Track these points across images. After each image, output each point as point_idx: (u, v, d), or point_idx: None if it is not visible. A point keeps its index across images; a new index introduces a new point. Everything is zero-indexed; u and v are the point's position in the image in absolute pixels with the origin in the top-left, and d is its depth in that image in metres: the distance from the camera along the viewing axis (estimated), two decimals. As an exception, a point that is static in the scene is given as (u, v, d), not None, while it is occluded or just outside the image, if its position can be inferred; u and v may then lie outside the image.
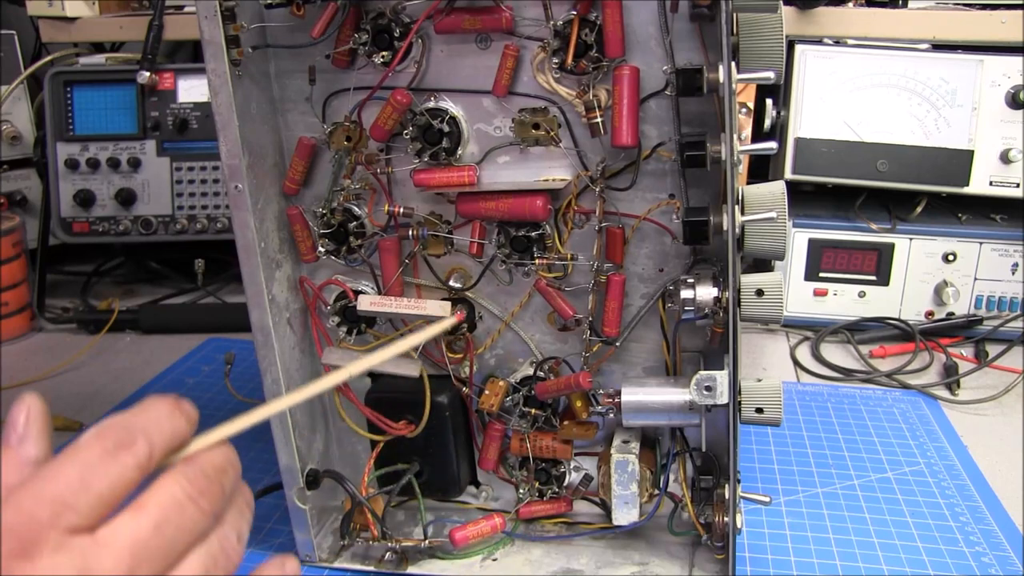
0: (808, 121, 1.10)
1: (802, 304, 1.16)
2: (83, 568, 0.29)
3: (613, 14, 0.58)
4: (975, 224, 1.13)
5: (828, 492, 0.80)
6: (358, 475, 0.71)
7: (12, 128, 1.30)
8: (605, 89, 0.60)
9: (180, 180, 1.23)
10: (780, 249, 0.58)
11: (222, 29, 0.57)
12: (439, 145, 0.62)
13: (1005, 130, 1.08)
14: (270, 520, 0.76)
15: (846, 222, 1.14)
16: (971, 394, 0.99)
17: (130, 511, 0.32)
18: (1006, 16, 1.09)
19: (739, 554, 0.66)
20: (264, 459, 0.84)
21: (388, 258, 0.68)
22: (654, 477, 0.69)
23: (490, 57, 0.61)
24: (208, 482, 0.34)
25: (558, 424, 0.69)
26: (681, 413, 0.63)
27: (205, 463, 0.34)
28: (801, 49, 1.09)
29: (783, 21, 0.55)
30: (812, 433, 0.91)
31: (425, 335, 0.57)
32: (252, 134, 0.62)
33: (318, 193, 0.68)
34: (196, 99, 1.22)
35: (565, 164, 0.63)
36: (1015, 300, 1.11)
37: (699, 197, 0.62)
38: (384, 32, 0.61)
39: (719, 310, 0.59)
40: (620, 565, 0.69)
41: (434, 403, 0.69)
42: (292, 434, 0.67)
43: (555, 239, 0.65)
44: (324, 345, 0.70)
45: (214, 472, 0.34)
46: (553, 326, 0.69)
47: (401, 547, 0.70)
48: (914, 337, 1.10)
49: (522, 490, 0.72)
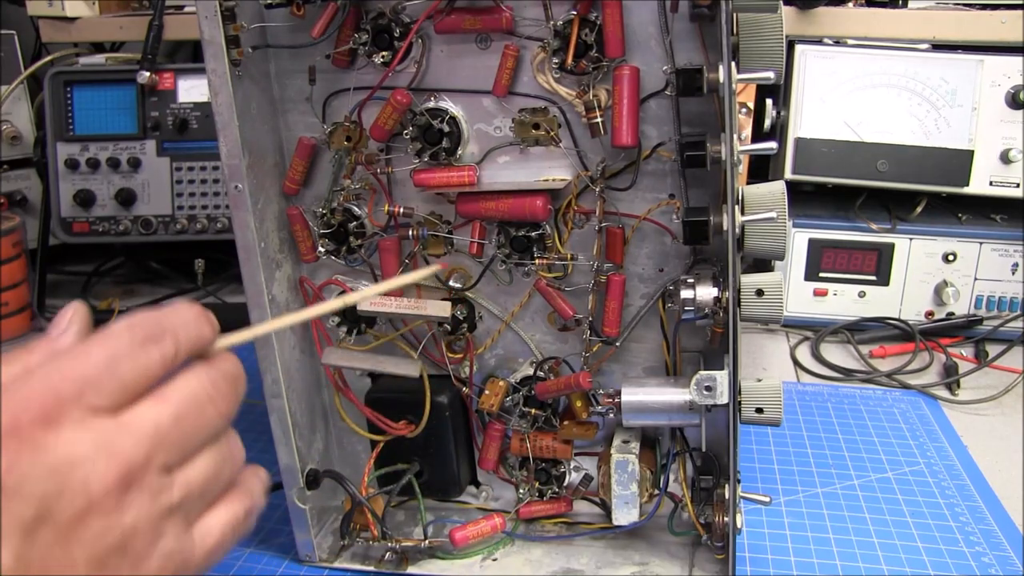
0: (808, 121, 1.10)
1: (802, 304, 1.16)
2: (102, 446, 0.30)
3: (613, 14, 0.58)
4: (975, 224, 1.13)
5: (828, 492, 0.80)
6: (358, 475, 0.71)
7: (12, 128, 1.30)
8: (605, 89, 0.60)
9: (180, 180, 1.23)
10: (780, 249, 0.58)
11: (222, 29, 0.57)
12: (439, 145, 0.62)
13: (1005, 130, 1.08)
14: (270, 520, 0.76)
15: (846, 222, 1.14)
16: (971, 394, 0.99)
17: (153, 399, 0.32)
18: (1006, 16, 1.09)
19: (739, 554, 0.66)
20: (264, 459, 0.84)
21: (388, 258, 0.68)
22: (654, 477, 0.69)
23: (490, 57, 0.61)
24: (226, 385, 0.35)
25: (558, 424, 0.69)
26: (681, 413, 0.63)
27: (225, 367, 0.35)
28: (801, 49, 1.09)
29: (783, 21, 0.55)
30: (812, 433, 0.91)
31: (410, 278, 0.58)
32: (252, 134, 0.62)
33: (318, 193, 0.68)
34: (196, 99, 1.22)
35: (565, 164, 0.63)
36: (1015, 300, 1.11)
37: (699, 197, 0.62)
38: (384, 32, 0.61)
39: (719, 310, 0.59)
40: (620, 565, 0.69)
41: (434, 403, 0.69)
42: (292, 434, 0.67)
43: (555, 239, 0.65)
44: (324, 345, 0.70)
45: (232, 378, 0.35)
46: (553, 326, 0.69)
47: (401, 547, 0.70)
48: (914, 337, 1.10)
49: (522, 490, 0.72)
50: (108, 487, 0.30)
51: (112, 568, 0.30)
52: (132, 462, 0.31)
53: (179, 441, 0.33)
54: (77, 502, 0.29)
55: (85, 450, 0.30)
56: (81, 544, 0.29)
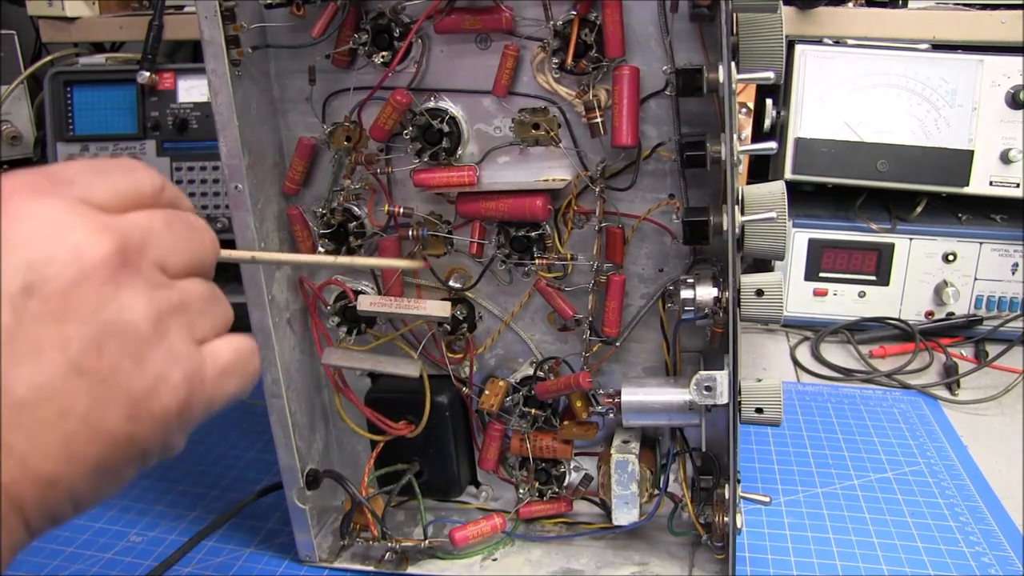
0: (808, 121, 1.10)
1: (802, 304, 1.16)
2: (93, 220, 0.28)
3: (613, 14, 0.58)
4: (975, 224, 1.13)
5: (828, 492, 0.80)
6: (358, 475, 0.71)
7: (12, 128, 1.30)
8: (605, 89, 0.60)
9: (180, 180, 1.23)
10: (780, 249, 0.58)
11: (222, 29, 0.57)
12: (439, 145, 0.62)
13: (1005, 130, 1.08)
14: (270, 520, 0.76)
15: (846, 222, 1.14)
16: (971, 394, 0.99)
17: (145, 210, 0.31)
18: (1006, 16, 1.09)
19: (739, 554, 0.66)
20: (264, 459, 0.84)
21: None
22: (654, 477, 0.69)
23: (490, 57, 0.61)
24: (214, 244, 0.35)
25: (558, 424, 0.69)
26: (681, 413, 0.63)
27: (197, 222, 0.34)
28: (801, 49, 1.09)
29: (783, 21, 0.55)
30: (812, 433, 0.91)
31: (378, 262, 0.58)
32: (252, 134, 0.62)
33: (318, 193, 0.68)
34: (196, 99, 1.22)
35: (565, 164, 0.63)
36: (1015, 300, 1.11)
37: (699, 197, 0.62)
38: (384, 32, 0.61)
39: (719, 310, 0.59)
40: (620, 565, 0.69)
41: (434, 403, 0.69)
42: (292, 434, 0.67)
43: (555, 239, 0.65)
44: (324, 345, 0.70)
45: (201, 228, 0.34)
46: (553, 326, 0.69)
47: (401, 547, 0.70)
48: (914, 337, 1.10)
49: (522, 490, 0.72)
50: (102, 257, 0.27)
51: (111, 355, 0.27)
52: (127, 240, 0.28)
53: (172, 246, 0.31)
54: (68, 271, 0.26)
55: (75, 221, 0.27)
56: (74, 320, 0.26)
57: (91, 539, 0.75)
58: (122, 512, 0.79)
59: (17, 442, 0.25)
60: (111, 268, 0.27)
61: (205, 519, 0.76)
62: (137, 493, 0.82)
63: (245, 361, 0.33)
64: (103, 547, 0.74)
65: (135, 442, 0.28)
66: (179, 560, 0.70)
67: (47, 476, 0.26)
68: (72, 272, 0.26)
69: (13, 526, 0.26)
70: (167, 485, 0.83)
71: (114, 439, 0.27)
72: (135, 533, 0.76)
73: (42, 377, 0.25)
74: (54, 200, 0.28)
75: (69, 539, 0.75)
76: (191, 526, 0.76)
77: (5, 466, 0.25)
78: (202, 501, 0.80)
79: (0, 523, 0.25)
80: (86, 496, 0.28)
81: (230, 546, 0.74)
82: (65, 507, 0.27)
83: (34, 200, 0.27)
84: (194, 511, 0.79)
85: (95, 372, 0.26)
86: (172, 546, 0.72)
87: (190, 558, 0.71)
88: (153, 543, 0.74)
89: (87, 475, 0.27)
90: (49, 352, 0.26)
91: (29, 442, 0.25)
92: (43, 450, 0.26)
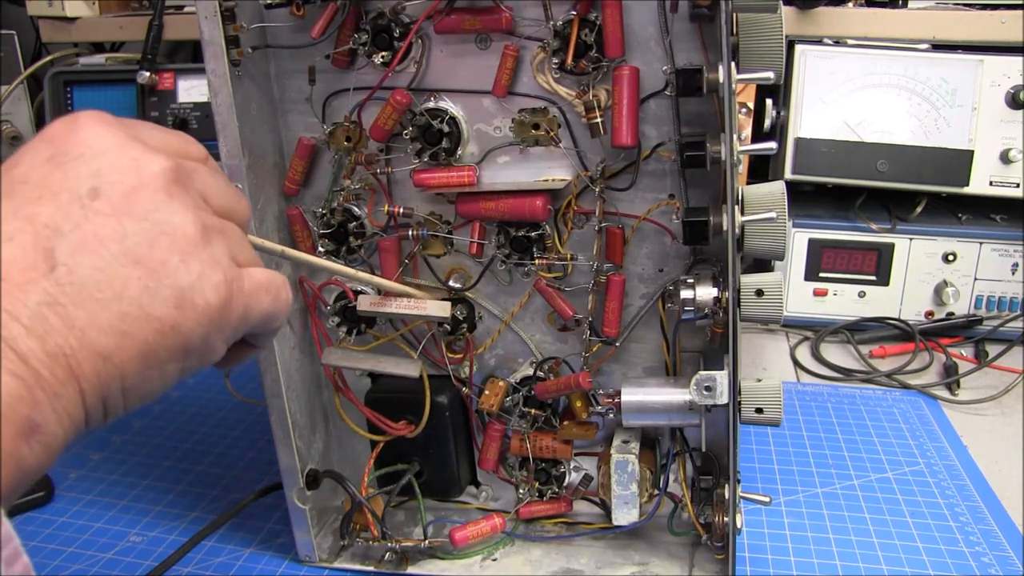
0: (808, 121, 1.10)
1: (802, 304, 1.16)
2: (147, 146, 0.33)
3: (613, 14, 0.58)
4: (975, 224, 1.13)
5: (828, 492, 0.80)
6: (358, 475, 0.71)
7: (12, 128, 1.30)
8: (605, 89, 0.60)
9: (180, 180, 1.23)
10: (780, 249, 0.58)
11: (222, 29, 0.57)
12: (439, 145, 0.62)
13: (1005, 130, 1.08)
14: (270, 520, 0.76)
15: (846, 222, 1.14)
16: (971, 394, 0.99)
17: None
18: (1006, 16, 1.09)
19: (739, 554, 0.66)
20: (264, 459, 0.84)
21: (388, 258, 0.68)
22: (654, 477, 0.69)
23: (490, 57, 0.61)
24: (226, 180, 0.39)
25: (558, 424, 0.69)
26: (681, 413, 0.63)
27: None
28: (801, 49, 1.09)
29: (783, 21, 0.55)
30: (812, 433, 0.91)
31: (411, 291, 0.60)
32: (252, 134, 0.62)
33: (318, 193, 0.68)
34: (196, 99, 1.22)
35: (565, 164, 0.63)
36: (1015, 300, 1.11)
37: (699, 197, 0.62)
38: (384, 32, 0.61)
39: (719, 310, 0.59)
40: (620, 565, 0.69)
41: (434, 403, 0.69)
42: (292, 434, 0.67)
43: (555, 239, 0.65)
44: (324, 345, 0.70)
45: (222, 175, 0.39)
46: (553, 326, 0.69)
47: (401, 547, 0.70)
48: (914, 337, 1.10)
49: (522, 490, 0.72)
50: (157, 171, 0.32)
51: (162, 250, 0.31)
52: (179, 166, 0.34)
53: (216, 187, 0.36)
54: (128, 177, 0.31)
55: (134, 144, 0.33)
56: (131, 217, 0.31)
57: (91, 539, 0.75)
58: (122, 512, 0.79)
59: (79, 317, 0.29)
60: (165, 180, 0.32)
61: (205, 519, 0.76)
62: (137, 493, 0.82)
63: (279, 286, 0.38)
64: (103, 547, 0.74)
65: (179, 331, 0.32)
66: (179, 560, 0.70)
67: (102, 349, 0.29)
68: (132, 179, 0.32)
69: (72, 395, 0.29)
70: (167, 485, 0.83)
71: (161, 325, 0.31)
72: (135, 533, 0.76)
73: (102, 262, 0.30)
74: (116, 129, 0.33)
75: (69, 539, 0.75)
76: (191, 526, 0.76)
77: (68, 337, 0.28)
78: (202, 501, 0.80)
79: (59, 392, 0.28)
80: (134, 382, 0.31)
81: (230, 546, 0.74)
82: (115, 389, 0.30)
83: (101, 126, 0.32)
84: (194, 511, 0.79)
85: (147, 262, 0.31)
86: (172, 546, 0.72)
87: (190, 558, 0.71)
88: (153, 543, 0.74)
89: (136, 358, 0.30)
90: (109, 242, 0.30)
91: (89, 317, 0.29)
92: (100, 325, 0.29)
